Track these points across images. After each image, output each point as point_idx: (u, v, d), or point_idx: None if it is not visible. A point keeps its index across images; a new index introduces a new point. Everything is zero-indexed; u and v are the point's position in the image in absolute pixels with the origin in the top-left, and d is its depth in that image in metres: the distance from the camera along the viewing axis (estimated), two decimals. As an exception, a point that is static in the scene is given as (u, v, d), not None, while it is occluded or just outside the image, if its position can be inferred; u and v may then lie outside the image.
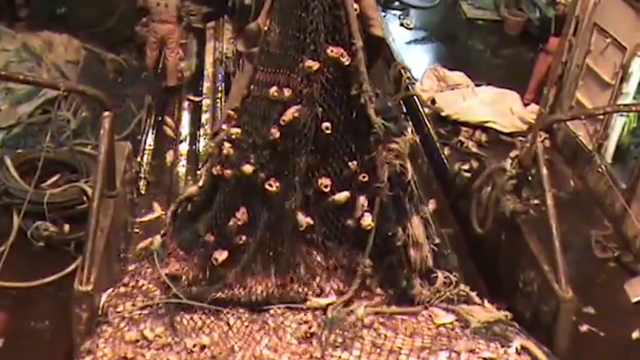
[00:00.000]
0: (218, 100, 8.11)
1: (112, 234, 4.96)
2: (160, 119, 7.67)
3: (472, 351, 4.33)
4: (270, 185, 4.66)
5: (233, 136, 4.82)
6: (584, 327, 5.38)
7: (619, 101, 6.60)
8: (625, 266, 6.02)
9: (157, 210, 6.16)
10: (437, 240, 4.99)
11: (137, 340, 4.33)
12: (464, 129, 7.68)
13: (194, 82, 8.51)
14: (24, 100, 6.92)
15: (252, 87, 4.80)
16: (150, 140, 7.27)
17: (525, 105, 8.06)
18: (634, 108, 6.34)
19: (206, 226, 4.94)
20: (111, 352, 4.19)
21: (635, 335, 5.35)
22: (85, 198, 5.66)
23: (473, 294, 4.83)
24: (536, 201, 5.45)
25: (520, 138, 7.28)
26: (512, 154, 6.34)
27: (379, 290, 4.90)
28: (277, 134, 4.64)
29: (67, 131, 6.45)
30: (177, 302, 4.63)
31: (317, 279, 4.90)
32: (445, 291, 4.78)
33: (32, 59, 7.49)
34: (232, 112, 4.94)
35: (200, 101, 8.06)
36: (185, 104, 8.09)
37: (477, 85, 8.31)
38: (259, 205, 4.80)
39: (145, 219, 6.04)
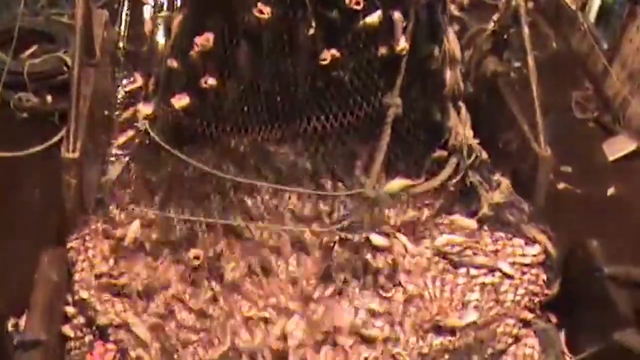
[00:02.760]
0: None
1: (95, 102, 4.95)
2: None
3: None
4: (261, 12, 3.60)
5: None
6: (561, 185, 5.53)
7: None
8: (604, 126, 6.12)
9: (138, 80, 6.10)
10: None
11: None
12: (445, -9, 7.53)
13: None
14: (-5, -31, 6.72)
15: None
16: (127, 9, 7.11)
17: (509, -35, 7.88)
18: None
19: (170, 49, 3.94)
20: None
21: (610, 191, 5.52)
22: (65, 68, 5.62)
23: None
24: (517, 64, 5.46)
25: None
26: (495, 16, 6.27)
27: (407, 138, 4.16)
28: None
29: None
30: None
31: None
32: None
33: None
34: None
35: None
36: (163, -30, 7.85)
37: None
38: (242, 36, 3.72)
39: (127, 88, 6.01)
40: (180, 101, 3.89)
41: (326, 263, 3.94)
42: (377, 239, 3.99)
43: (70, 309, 4.03)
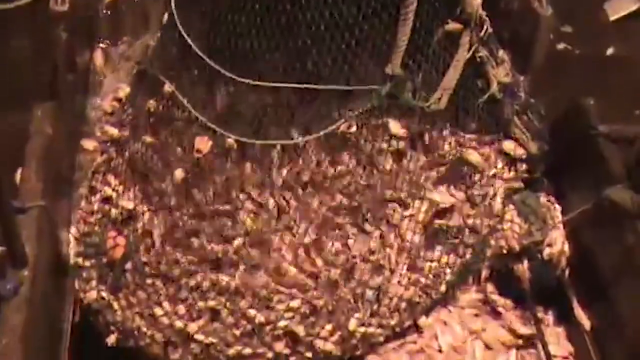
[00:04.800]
0: None
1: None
2: None
3: None
4: None
5: None
6: (561, 45, 5.46)
7: None
8: (608, -16, 5.97)
9: None
10: None
11: None
12: None
13: None
14: None
15: None
16: None
17: None
18: None
19: None
20: None
21: (609, 51, 5.46)
22: None
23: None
24: None
25: None
26: None
27: None
28: None
29: None
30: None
31: None
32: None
33: None
34: None
35: None
36: None
37: None
38: None
39: None
40: None
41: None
42: (395, 126, 3.70)
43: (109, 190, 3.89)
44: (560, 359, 3.80)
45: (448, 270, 3.72)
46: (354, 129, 3.62)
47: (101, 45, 4.80)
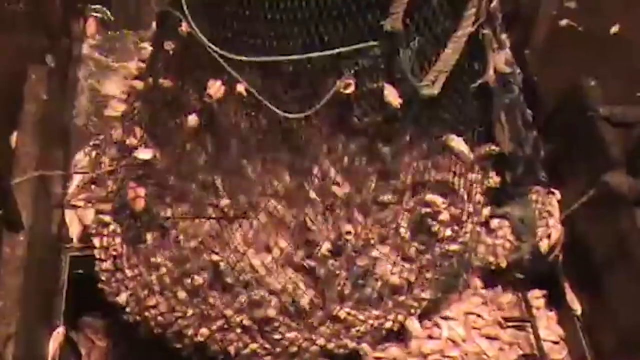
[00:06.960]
0: None
1: None
2: None
3: None
4: None
5: None
6: (564, 22, 5.37)
7: None
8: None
9: None
10: None
11: None
12: None
13: None
14: None
15: None
16: None
17: None
18: None
19: None
20: None
21: (613, 29, 5.38)
22: None
23: None
24: None
25: None
26: None
27: None
28: None
29: None
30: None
31: None
32: None
33: None
34: None
35: None
36: None
37: None
38: None
39: None
40: None
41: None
42: (391, 93, 3.23)
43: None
44: (550, 343, 3.83)
45: (430, 273, 3.53)
46: (351, 88, 3.14)
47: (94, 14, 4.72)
